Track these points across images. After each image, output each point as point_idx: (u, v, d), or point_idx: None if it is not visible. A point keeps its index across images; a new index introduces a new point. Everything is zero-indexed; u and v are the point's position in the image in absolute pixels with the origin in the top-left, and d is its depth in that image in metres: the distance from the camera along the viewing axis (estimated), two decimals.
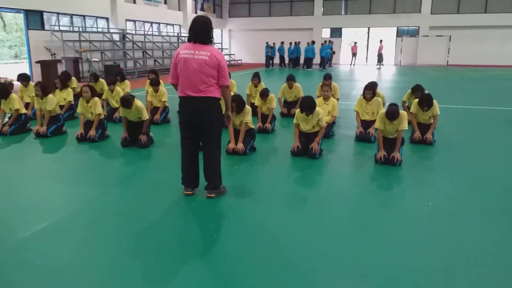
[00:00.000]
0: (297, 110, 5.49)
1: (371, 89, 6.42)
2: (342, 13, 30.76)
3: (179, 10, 26.00)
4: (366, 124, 6.41)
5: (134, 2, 21.44)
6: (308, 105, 5.28)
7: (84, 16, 18.36)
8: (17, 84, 8.72)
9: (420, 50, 28.67)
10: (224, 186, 4.12)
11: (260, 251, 2.94)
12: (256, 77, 8.50)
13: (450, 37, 27.38)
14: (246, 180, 4.64)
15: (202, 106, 3.71)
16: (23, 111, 6.99)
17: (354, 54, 27.69)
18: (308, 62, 24.45)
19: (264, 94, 7.07)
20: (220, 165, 4.02)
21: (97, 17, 19.10)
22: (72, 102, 7.97)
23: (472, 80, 17.00)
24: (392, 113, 4.98)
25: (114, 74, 8.40)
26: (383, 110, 5.26)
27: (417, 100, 6.26)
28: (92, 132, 6.24)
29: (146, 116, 6.01)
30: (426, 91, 7.11)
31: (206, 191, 3.98)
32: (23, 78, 8.22)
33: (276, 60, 27.00)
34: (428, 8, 28.59)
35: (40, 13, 15.93)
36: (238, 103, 5.49)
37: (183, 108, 3.83)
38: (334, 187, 4.40)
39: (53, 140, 6.46)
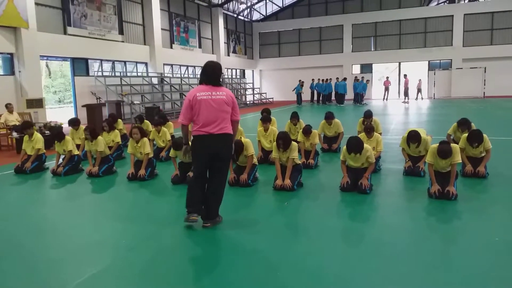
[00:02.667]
0: (344, 148, 5.48)
1: (413, 139, 6.20)
2: (372, 49, 31.05)
3: (212, 53, 27.03)
4: (414, 158, 6.30)
5: (171, 47, 22.50)
6: (354, 146, 5.25)
7: (125, 61, 19.38)
8: (66, 128, 9.19)
9: (454, 82, 28.27)
10: (220, 216, 4.33)
11: None
12: (294, 117, 8.56)
13: (485, 68, 26.95)
14: (297, 216, 4.62)
15: (222, 143, 4.05)
16: (76, 152, 7.32)
17: (386, 89, 27.60)
18: (340, 98, 24.55)
19: (308, 131, 7.13)
20: (221, 201, 4.30)
21: (137, 62, 20.11)
22: (120, 143, 8.30)
23: (509, 110, 16.53)
24: (445, 152, 4.89)
25: (160, 116, 8.72)
26: (434, 145, 5.17)
27: (465, 135, 6.13)
28: (142, 172, 6.44)
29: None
30: (473, 125, 6.97)
31: (203, 221, 4.21)
32: (74, 123, 8.57)
33: (306, 97, 27.25)
34: (460, 40, 28.46)
35: (85, 60, 16.96)
36: (284, 140, 5.56)
37: (202, 145, 4.07)
38: (390, 222, 4.29)
39: (104, 179, 6.70)
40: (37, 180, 6.85)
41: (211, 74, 4.06)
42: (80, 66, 16.70)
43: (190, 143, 4.29)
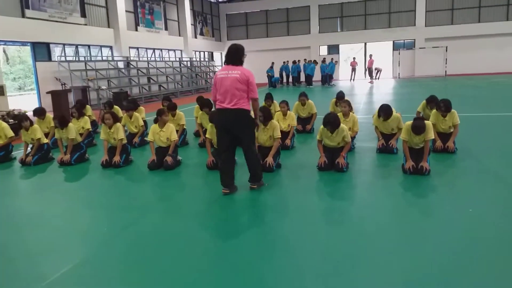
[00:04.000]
0: (321, 127, 5.56)
1: (382, 111, 6.40)
2: (338, 30, 31.30)
3: (179, 35, 26.45)
4: (387, 136, 6.48)
5: (136, 30, 21.83)
6: (332, 121, 5.35)
7: (89, 45, 18.67)
8: (30, 117, 8.80)
9: (418, 62, 29.06)
10: (264, 182, 4.88)
11: (308, 263, 2.98)
12: (269, 98, 8.56)
13: (446, 47, 27.82)
14: (278, 196, 4.68)
15: (235, 116, 4.49)
16: (45, 140, 7.06)
17: (353, 70, 28.01)
18: (309, 79, 24.74)
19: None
20: (260, 161, 4.90)
21: (101, 46, 19.42)
22: (90, 130, 8.07)
23: (474, 88, 17.20)
24: (419, 128, 5.06)
25: (131, 101, 8.51)
26: (408, 122, 5.33)
27: (435, 111, 6.36)
28: (116, 158, 6.30)
29: (175, 136, 6.13)
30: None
31: (250, 183, 4.81)
32: (39, 113, 8.08)
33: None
34: (422, 21, 29.13)
35: (47, 45, 16.21)
36: (265, 113, 5.56)
37: (220, 117, 4.62)
38: (370, 199, 4.42)
39: (77, 167, 6.52)
40: (5, 171, 6.57)
41: (229, 55, 4.55)
42: (41, 51, 15.95)
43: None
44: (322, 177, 5.27)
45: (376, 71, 27.49)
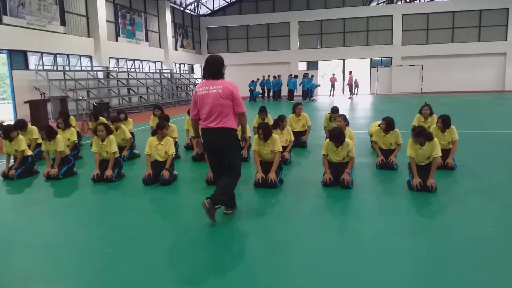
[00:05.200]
0: (326, 141, 5.48)
1: (384, 121, 6.46)
2: (318, 47, 31.78)
3: (160, 47, 26.15)
4: (386, 152, 6.45)
5: (117, 40, 21.42)
6: (337, 136, 5.28)
7: (67, 55, 18.13)
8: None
9: (395, 79, 29.80)
10: (236, 207, 4.50)
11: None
12: (263, 112, 8.42)
13: (422, 66, 28.65)
14: (287, 213, 4.50)
15: (221, 136, 4.10)
16: (29, 152, 6.66)
17: (332, 85, 28.40)
18: (291, 93, 24.87)
19: (279, 123, 7.10)
20: (234, 186, 4.31)
21: (80, 55, 18.90)
22: (77, 142, 7.70)
23: (450, 106, 17.66)
24: (426, 134, 5.10)
25: (118, 112, 8.20)
26: (411, 138, 5.30)
27: (434, 126, 6.39)
28: (109, 172, 5.98)
29: (173, 150, 5.89)
30: (434, 116, 7.40)
31: (206, 198, 4.06)
32: (22, 126, 7.37)
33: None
34: (399, 39, 29.99)
35: (24, 52, 15.63)
36: (264, 130, 5.43)
37: (204, 137, 4.24)
38: (384, 217, 4.27)
39: (66, 182, 6.14)
40: None
41: (208, 68, 4.14)
42: (18, 59, 15.34)
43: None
44: (329, 193, 5.14)
45: (355, 86, 28.00)
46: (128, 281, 3.01)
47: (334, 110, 8.18)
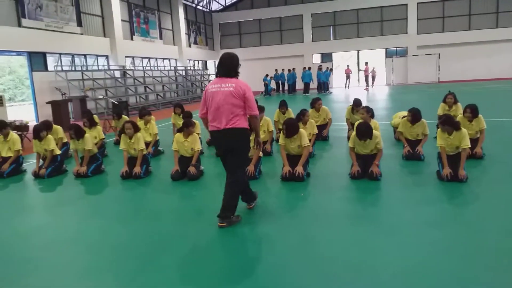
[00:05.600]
0: (353, 134, 5.45)
1: (411, 113, 6.39)
2: (331, 39, 31.52)
3: (174, 44, 26.28)
4: (412, 142, 6.39)
5: (132, 39, 21.60)
6: (365, 132, 5.23)
7: (85, 55, 18.38)
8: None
9: (411, 69, 29.38)
10: (238, 216, 4.10)
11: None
12: (283, 106, 8.44)
13: (439, 55, 28.19)
14: (319, 207, 4.51)
15: (231, 137, 3.87)
16: (58, 152, 6.79)
17: (348, 77, 28.18)
18: (306, 87, 24.76)
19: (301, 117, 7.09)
20: (238, 198, 4.05)
21: (97, 55, 19.14)
22: (104, 139, 7.84)
23: (470, 94, 17.34)
24: (456, 124, 5.07)
25: (143, 108, 8.31)
26: (439, 129, 5.25)
27: (461, 116, 6.32)
28: (137, 169, 6.08)
29: (199, 146, 5.96)
30: (459, 104, 7.33)
31: (218, 219, 3.95)
32: (47, 126, 7.28)
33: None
34: (414, 28, 29.54)
35: (43, 54, 15.89)
36: (289, 127, 5.43)
37: (215, 141, 4.03)
38: (417, 208, 4.24)
39: (95, 179, 6.26)
40: (18, 185, 6.27)
41: (222, 66, 3.96)
42: (37, 60, 15.61)
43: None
44: (358, 186, 5.13)
45: (371, 77, 27.72)
46: (167, 277, 3.07)
47: (357, 102, 8.13)
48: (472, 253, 3.15)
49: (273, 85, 27.20)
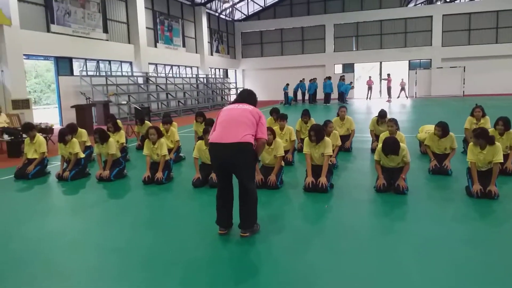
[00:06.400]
0: (379, 146, 5.33)
1: (440, 127, 6.20)
2: (354, 49, 31.33)
3: (196, 52, 26.56)
4: (439, 156, 6.21)
5: (156, 46, 21.93)
6: (391, 147, 5.08)
7: (109, 61, 18.72)
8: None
9: (434, 81, 28.90)
10: (258, 224, 4.03)
11: None
12: (306, 115, 8.35)
13: (464, 68, 27.64)
14: (344, 220, 4.40)
15: (237, 151, 3.73)
16: (82, 155, 6.87)
17: (370, 88, 27.89)
18: (327, 97, 24.62)
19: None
20: (256, 208, 3.97)
21: (121, 61, 19.47)
22: (125, 144, 7.90)
23: (497, 108, 16.88)
24: (490, 138, 4.86)
25: (168, 115, 8.35)
26: (471, 143, 5.07)
27: (492, 129, 6.12)
28: (159, 175, 6.08)
29: None
30: (487, 117, 7.18)
31: (241, 230, 3.90)
32: (73, 129, 7.36)
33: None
34: (439, 40, 29.10)
35: (69, 59, 16.25)
36: (317, 132, 5.35)
37: (216, 154, 3.85)
38: (447, 224, 4.08)
39: (118, 184, 6.29)
40: (43, 187, 6.36)
41: (241, 96, 4.13)
42: (64, 65, 15.97)
43: None
44: (384, 199, 4.98)
45: (401, 89, 27.39)
46: (192, 281, 3.01)
47: (382, 114, 7.99)
48: (509, 275, 2.99)
49: (292, 94, 27.05)
